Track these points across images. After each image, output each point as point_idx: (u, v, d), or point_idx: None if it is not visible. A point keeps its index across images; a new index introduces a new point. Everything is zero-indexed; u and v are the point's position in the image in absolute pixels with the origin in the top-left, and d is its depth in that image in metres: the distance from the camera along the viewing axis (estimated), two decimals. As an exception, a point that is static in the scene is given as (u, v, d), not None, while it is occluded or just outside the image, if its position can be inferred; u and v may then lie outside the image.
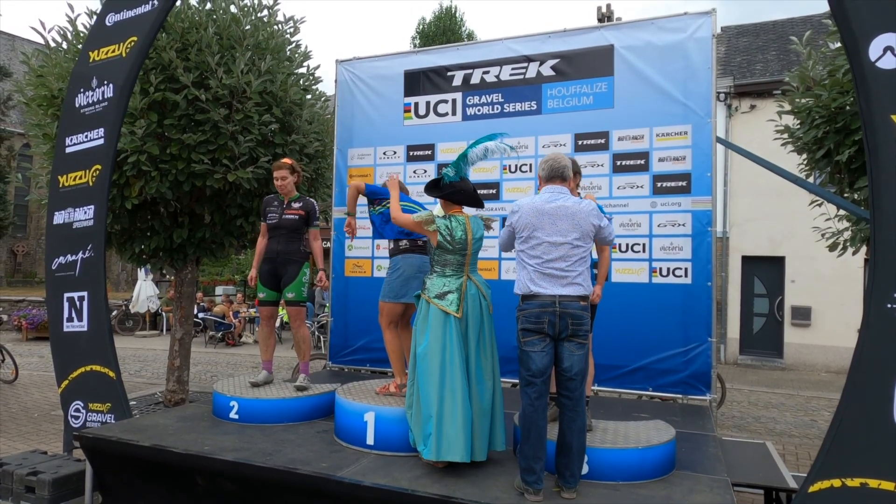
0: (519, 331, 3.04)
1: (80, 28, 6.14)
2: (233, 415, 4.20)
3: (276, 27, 6.51)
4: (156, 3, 4.64)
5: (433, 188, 3.55)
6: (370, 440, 3.59)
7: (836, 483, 2.62)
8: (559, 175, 3.17)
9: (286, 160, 4.64)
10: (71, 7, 6.08)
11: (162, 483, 3.62)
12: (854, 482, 2.59)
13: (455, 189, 3.47)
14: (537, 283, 3.00)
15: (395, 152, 6.19)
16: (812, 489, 2.67)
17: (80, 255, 4.69)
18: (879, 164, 2.71)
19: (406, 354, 4.14)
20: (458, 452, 3.16)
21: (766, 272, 13.09)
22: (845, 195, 5.53)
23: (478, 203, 3.57)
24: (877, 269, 2.70)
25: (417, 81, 6.13)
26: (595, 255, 3.61)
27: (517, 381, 5.49)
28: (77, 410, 4.65)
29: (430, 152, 6.07)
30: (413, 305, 3.97)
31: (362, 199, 4.51)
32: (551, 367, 3.00)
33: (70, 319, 4.71)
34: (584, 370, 3.02)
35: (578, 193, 3.70)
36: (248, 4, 6.34)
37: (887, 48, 2.73)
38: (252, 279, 4.61)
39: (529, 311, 3.00)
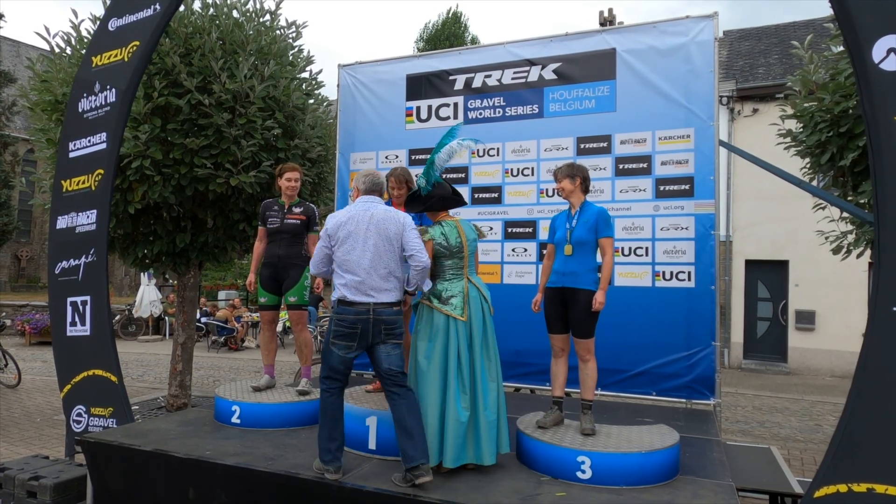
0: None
1: (84, 33, 6.18)
2: (235, 419, 4.19)
3: (278, 32, 6.54)
4: (158, 7, 4.66)
5: (413, 203, 3.58)
6: (372, 445, 3.57)
7: (843, 488, 2.59)
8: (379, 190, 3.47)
9: (292, 164, 4.65)
10: (75, 13, 6.12)
11: (161, 491, 3.60)
12: (860, 487, 2.56)
13: (434, 197, 3.49)
14: None
15: (397, 156, 6.19)
16: (818, 494, 2.64)
17: (83, 259, 4.70)
18: (883, 166, 2.70)
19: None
20: (460, 457, 3.20)
21: (769, 276, 13.05)
22: (849, 199, 5.50)
23: (459, 201, 3.62)
24: (881, 272, 2.68)
25: (419, 85, 6.14)
26: (599, 259, 3.60)
27: (519, 385, 5.51)
28: (79, 415, 4.65)
29: (429, 155, 6.06)
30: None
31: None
32: None
33: (73, 324, 4.72)
34: None
35: (583, 198, 3.69)
36: (251, 10, 6.36)
37: (891, 50, 2.72)
38: (251, 284, 4.61)
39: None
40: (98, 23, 5.40)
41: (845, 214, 5.95)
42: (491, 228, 5.68)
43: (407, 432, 3.07)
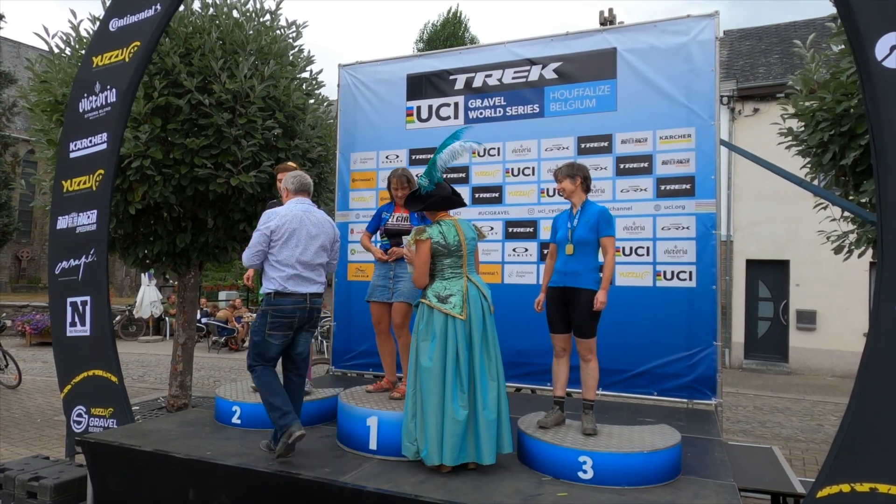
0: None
1: (83, 33, 6.17)
2: (235, 420, 4.18)
3: (278, 32, 6.53)
4: (159, 7, 4.65)
5: (413, 202, 3.60)
6: (373, 445, 3.56)
7: (846, 488, 2.58)
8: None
9: (292, 164, 4.64)
10: (73, 13, 6.12)
11: (161, 492, 3.59)
12: (863, 487, 2.55)
13: (435, 197, 3.50)
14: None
15: (397, 156, 6.18)
16: (820, 494, 2.63)
17: (84, 259, 4.70)
18: (886, 164, 2.69)
19: (402, 358, 4.14)
20: (460, 456, 3.19)
21: (770, 276, 13.03)
22: (850, 198, 5.49)
23: (459, 202, 3.63)
24: (884, 271, 2.67)
25: (420, 85, 6.13)
26: (601, 258, 3.59)
27: (520, 385, 5.50)
28: (79, 415, 4.64)
29: (432, 156, 6.05)
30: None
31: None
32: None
33: (73, 324, 4.71)
34: None
35: (585, 198, 3.68)
36: (251, 10, 6.36)
37: (893, 47, 2.70)
38: (248, 277, 4.61)
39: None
40: (98, 23, 5.39)
41: (847, 214, 5.93)
42: (492, 228, 5.67)
43: (297, 408, 3.67)
